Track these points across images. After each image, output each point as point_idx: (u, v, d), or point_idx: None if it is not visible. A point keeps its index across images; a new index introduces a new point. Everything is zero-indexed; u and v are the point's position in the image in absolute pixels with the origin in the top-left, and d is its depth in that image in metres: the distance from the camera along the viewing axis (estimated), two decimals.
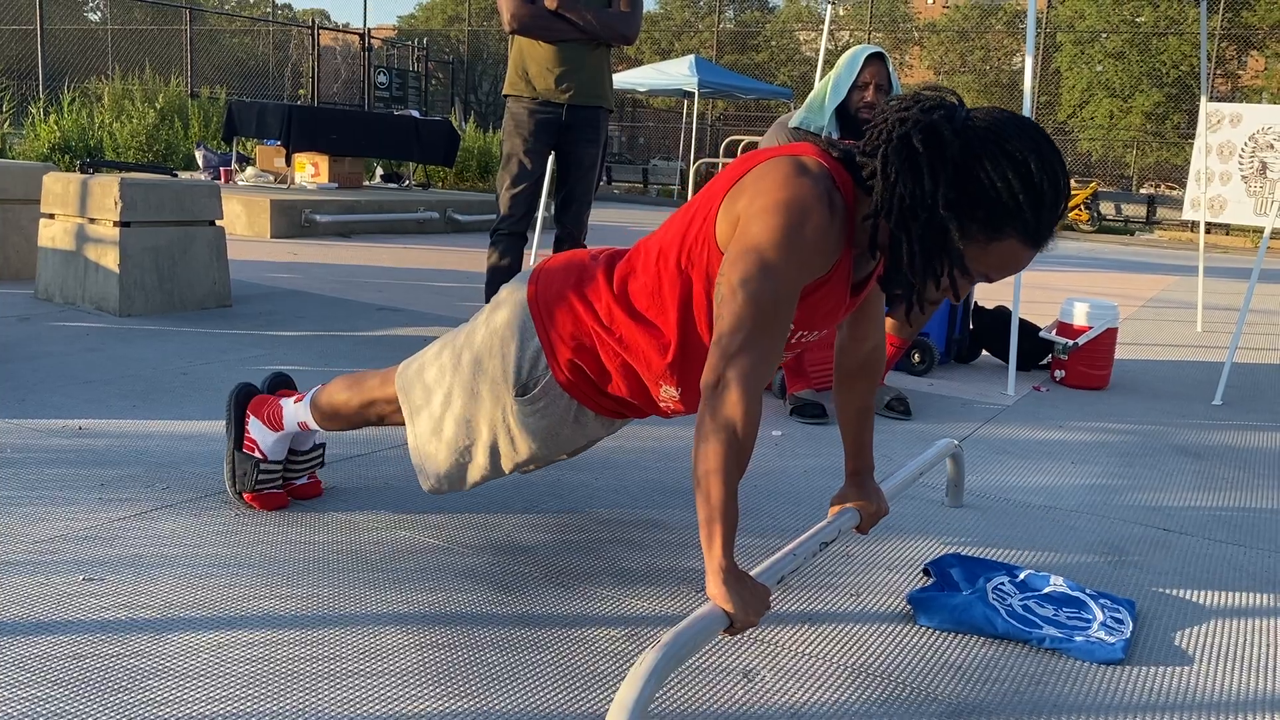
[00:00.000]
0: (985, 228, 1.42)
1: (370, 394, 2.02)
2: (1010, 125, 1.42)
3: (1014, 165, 1.39)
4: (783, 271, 1.45)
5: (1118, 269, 10.03)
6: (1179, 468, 2.99)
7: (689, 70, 16.43)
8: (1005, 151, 1.40)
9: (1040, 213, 1.40)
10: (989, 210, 1.41)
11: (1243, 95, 25.21)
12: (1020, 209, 1.39)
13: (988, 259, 1.45)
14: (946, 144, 1.42)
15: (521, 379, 1.80)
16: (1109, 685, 1.68)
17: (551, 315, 1.78)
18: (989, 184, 1.39)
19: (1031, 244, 1.43)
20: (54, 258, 4.36)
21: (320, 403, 2.08)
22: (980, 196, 1.41)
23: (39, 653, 1.54)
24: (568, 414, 1.83)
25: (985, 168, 1.40)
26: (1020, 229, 1.41)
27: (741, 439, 1.43)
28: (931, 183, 1.42)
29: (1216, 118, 6.16)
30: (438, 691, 1.52)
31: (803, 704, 1.56)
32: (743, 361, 1.43)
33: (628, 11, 3.62)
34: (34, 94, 13.07)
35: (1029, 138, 1.41)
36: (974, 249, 1.45)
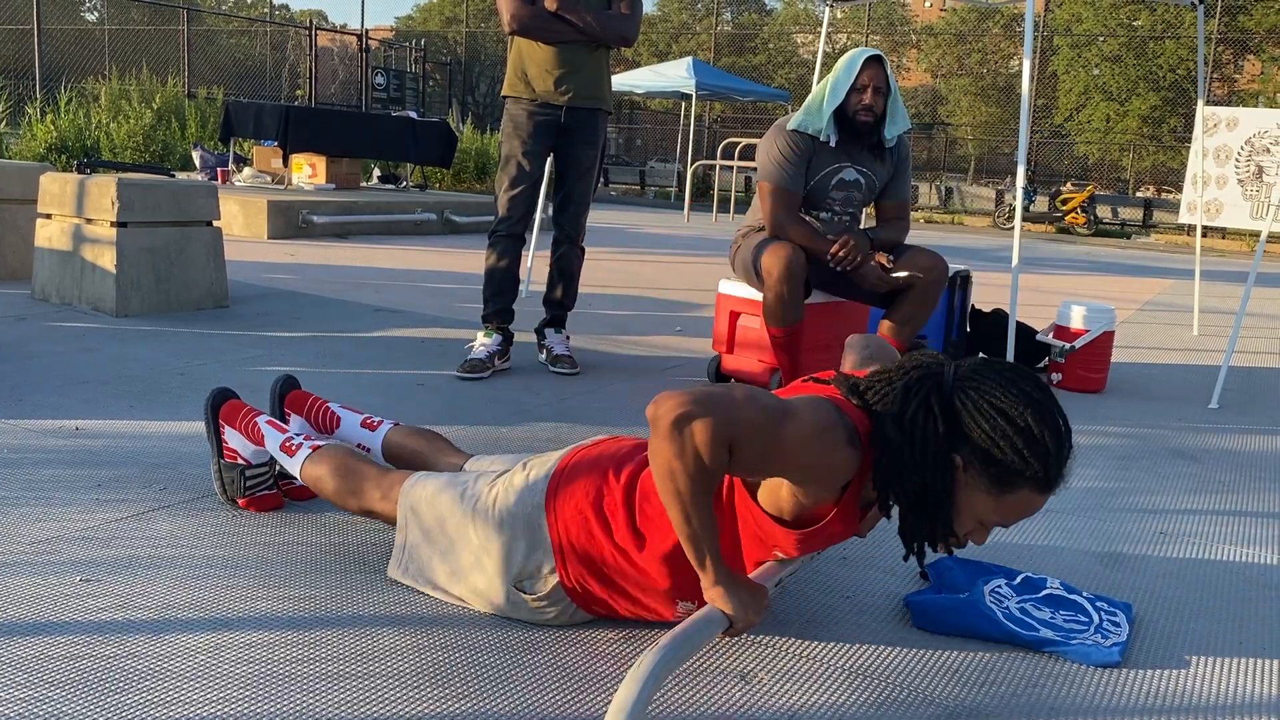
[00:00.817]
0: (996, 485, 1.43)
1: (369, 505, 1.93)
2: (996, 375, 1.42)
3: (1009, 420, 1.39)
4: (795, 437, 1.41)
5: (1114, 272, 10.05)
6: (1175, 471, 2.99)
7: (686, 72, 16.44)
8: (996, 407, 1.40)
9: (1048, 464, 1.40)
10: (998, 470, 1.41)
11: (1239, 99, 25.26)
12: (1028, 465, 1.40)
13: (1004, 510, 1.45)
14: (938, 419, 1.42)
15: (525, 579, 1.73)
16: (1106, 688, 1.68)
17: (566, 526, 1.70)
18: (990, 441, 1.40)
19: (1045, 491, 1.43)
20: (51, 258, 4.35)
21: (312, 483, 2.00)
22: (986, 460, 1.41)
23: (36, 653, 1.54)
24: (565, 611, 1.76)
25: (982, 425, 1.40)
26: (1032, 483, 1.42)
27: (705, 471, 1.40)
28: (923, 456, 1.43)
29: (1213, 121, 6.17)
30: (435, 693, 1.51)
31: (800, 706, 1.56)
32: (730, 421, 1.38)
33: (627, 13, 3.62)
34: (31, 94, 13.05)
35: (1019, 389, 1.41)
36: (985, 501, 1.45)
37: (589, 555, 1.69)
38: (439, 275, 6.22)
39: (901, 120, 3.34)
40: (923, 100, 38.01)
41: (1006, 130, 30.85)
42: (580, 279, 3.90)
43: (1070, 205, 17.99)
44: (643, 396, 3.44)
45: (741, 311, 3.60)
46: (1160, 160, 25.50)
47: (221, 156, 10.29)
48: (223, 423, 2.15)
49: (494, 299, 3.73)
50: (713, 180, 15.94)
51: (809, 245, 3.27)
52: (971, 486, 1.44)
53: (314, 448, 2.03)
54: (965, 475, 1.43)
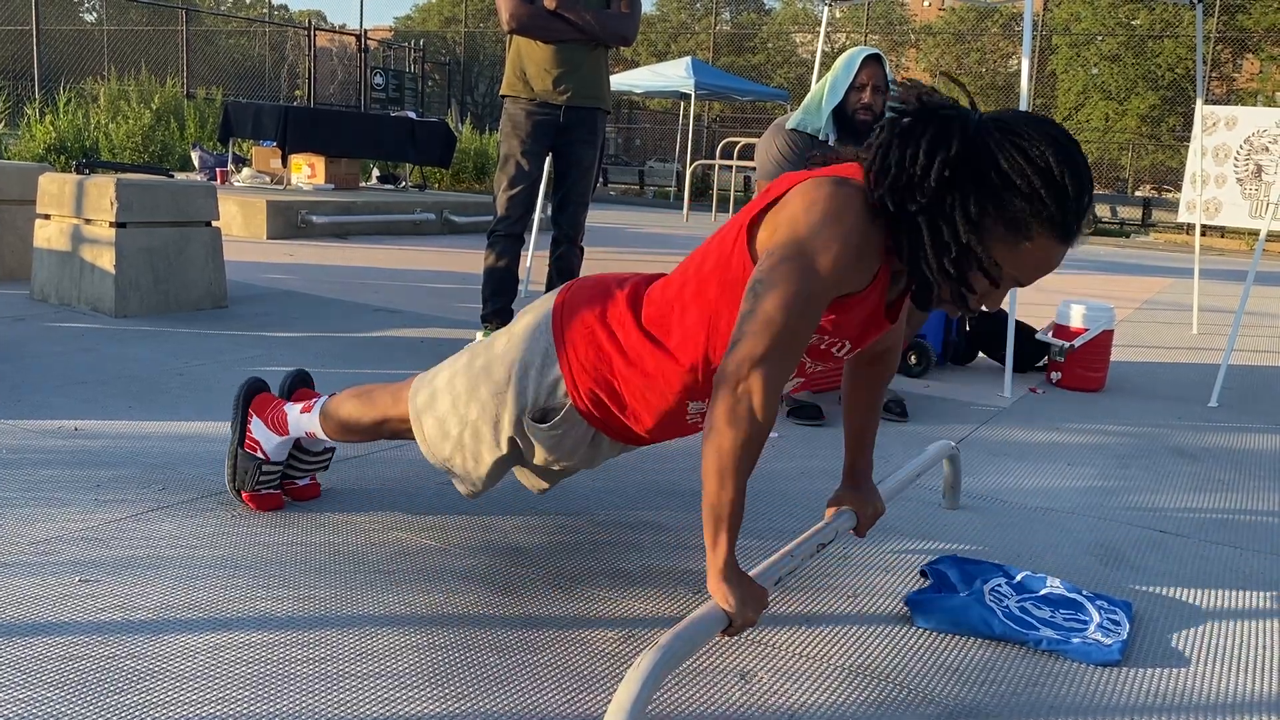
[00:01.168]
0: (1010, 227, 1.38)
1: (383, 411, 1.98)
2: (1022, 120, 1.39)
3: (1028, 158, 1.35)
4: (819, 274, 1.41)
5: (1114, 271, 10.05)
6: (1175, 469, 2.99)
7: (686, 72, 16.45)
8: (1018, 146, 1.36)
9: (1065, 205, 1.36)
10: (1014, 211, 1.37)
11: (1238, 98, 25.27)
12: (1044, 205, 1.35)
13: (1018, 261, 1.41)
14: (953, 138, 1.39)
15: (540, 404, 1.76)
16: (1106, 687, 1.68)
17: (575, 344, 1.74)
18: (1007, 182, 1.36)
19: (1061, 239, 1.38)
20: (49, 258, 4.35)
21: (331, 416, 2.05)
22: (1000, 195, 1.37)
23: (34, 654, 1.54)
24: (585, 438, 1.79)
25: (1000, 163, 1.36)
26: (1048, 226, 1.37)
27: (758, 438, 1.42)
28: (927, 159, 1.38)
29: (1212, 120, 6.17)
30: (434, 693, 1.51)
31: (800, 705, 1.55)
32: (767, 364, 1.41)
33: (626, 13, 3.62)
34: (30, 94, 13.04)
35: (1043, 131, 1.37)
36: (1002, 250, 1.40)
37: (599, 371, 1.72)
38: (438, 275, 6.22)
39: None
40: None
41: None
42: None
43: None
44: None
45: None
46: (1159, 159, 25.51)
47: (220, 157, 10.29)
48: (251, 412, 2.15)
49: (493, 298, 3.73)
50: (712, 180, 15.95)
51: None
52: (988, 237, 1.40)
53: (330, 395, 2.10)
54: (981, 226, 1.39)
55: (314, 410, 2.08)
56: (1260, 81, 24.15)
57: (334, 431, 2.06)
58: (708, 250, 1.64)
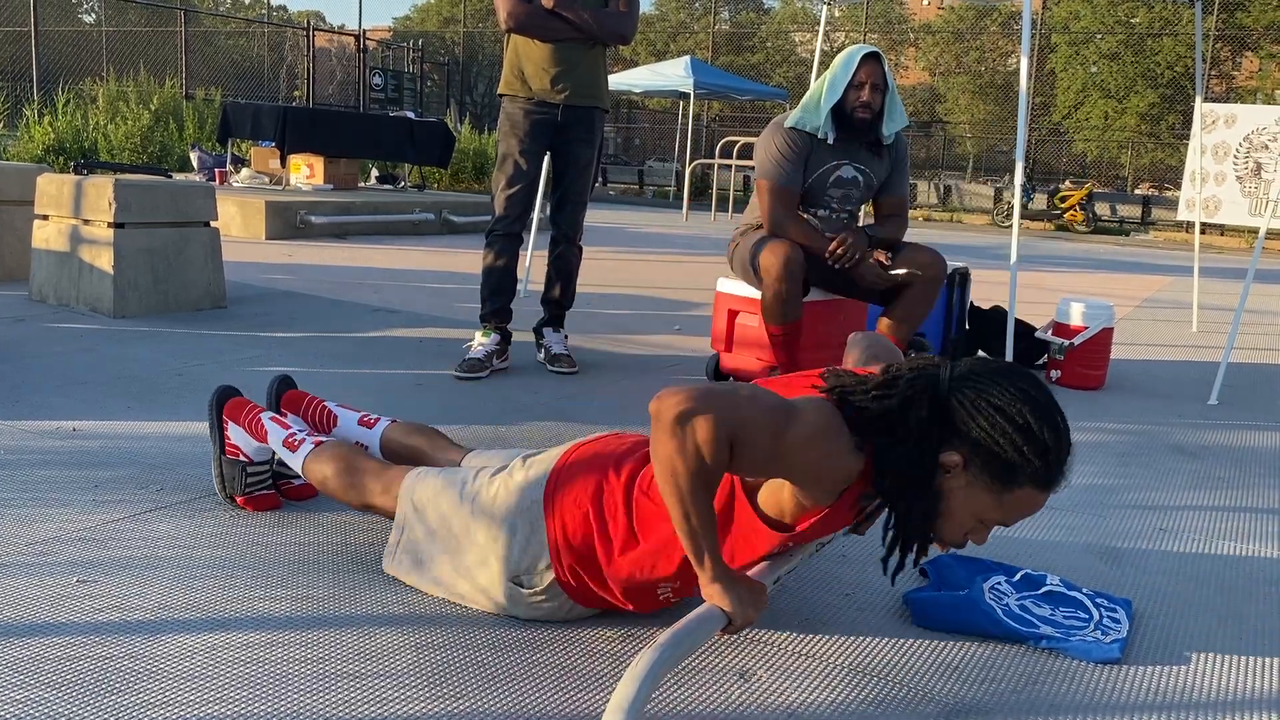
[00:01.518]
0: (997, 482, 1.42)
1: (369, 499, 1.94)
2: (993, 374, 1.42)
3: (1007, 418, 1.39)
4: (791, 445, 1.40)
5: (1113, 269, 10.05)
6: (1175, 467, 2.99)
7: (684, 71, 16.44)
8: (994, 405, 1.40)
9: (1049, 461, 1.40)
10: (998, 469, 1.41)
11: (1237, 96, 25.27)
12: (1029, 462, 1.40)
13: (1005, 508, 1.45)
14: (925, 403, 1.42)
15: (521, 573, 1.73)
16: (1106, 685, 1.68)
17: (564, 522, 1.69)
18: (988, 438, 1.40)
19: (1045, 488, 1.43)
20: (48, 259, 4.34)
21: (313, 477, 2.00)
22: (987, 458, 1.41)
23: (32, 654, 1.54)
24: (563, 607, 1.76)
25: (979, 423, 1.40)
26: (1033, 480, 1.42)
27: (705, 467, 1.39)
28: (927, 450, 1.42)
29: (1211, 118, 6.17)
30: (433, 693, 1.51)
31: (800, 704, 1.55)
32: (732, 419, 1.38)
33: (624, 11, 3.61)
34: (28, 95, 13.03)
35: (1017, 387, 1.41)
36: (988, 500, 1.44)
37: (585, 552, 1.68)
38: (437, 275, 6.22)
39: (899, 117, 3.33)
40: (921, 98, 38.01)
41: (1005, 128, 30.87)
42: (578, 278, 3.90)
43: (1069, 203, 17.99)
44: (642, 395, 3.44)
45: (740, 310, 3.60)
46: (1158, 158, 25.52)
47: (219, 157, 10.28)
48: (226, 419, 2.15)
49: (492, 298, 3.73)
50: (711, 179, 15.94)
51: (807, 243, 3.26)
52: (972, 485, 1.44)
53: (316, 443, 2.03)
54: (966, 474, 1.43)
55: (297, 455, 2.03)
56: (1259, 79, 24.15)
57: (318, 487, 2.02)
58: None
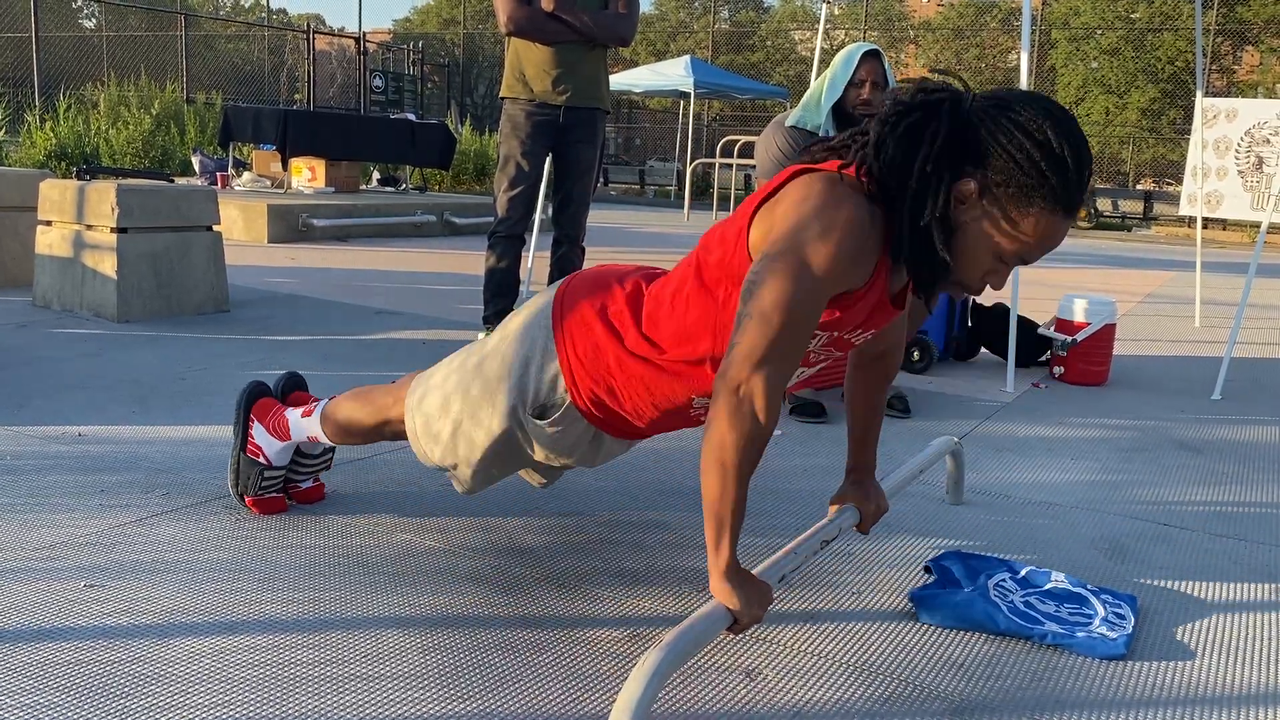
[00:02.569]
0: (1014, 205, 1.38)
1: (383, 412, 1.98)
2: (1018, 96, 1.39)
3: (1026, 133, 1.36)
4: (816, 274, 1.40)
5: (1115, 265, 10.04)
6: (1179, 463, 2.99)
7: (685, 71, 16.44)
8: (1015, 121, 1.36)
9: (1066, 177, 1.36)
10: (1015, 188, 1.37)
11: (1238, 90, 25.25)
12: (1045, 179, 1.36)
13: (1023, 238, 1.41)
14: (945, 116, 1.39)
15: (540, 401, 1.74)
16: (1111, 681, 1.68)
17: (574, 340, 1.71)
18: (1005, 155, 1.36)
19: (1064, 213, 1.38)
20: (51, 264, 4.35)
21: (331, 419, 2.04)
22: (1003, 176, 1.37)
23: (41, 659, 1.54)
24: (585, 435, 1.77)
25: (998, 139, 1.37)
26: (1050, 200, 1.37)
27: (761, 438, 1.41)
28: (913, 144, 1.39)
29: (1212, 113, 6.16)
30: (441, 694, 1.51)
31: (805, 702, 1.55)
32: (768, 365, 1.40)
33: (624, 13, 3.62)
34: (30, 101, 13.06)
35: (1040, 106, 1.38)
36: (1005, 230, 1.41)
37: (599, 368, 1.70)
38: (439, 277, 6.22)
39: None
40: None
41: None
42: None
43: None
44: None
45: None
46: (1160, 153, 25.49)
47: (221, 161, 10.30)
48: (253, 418, 2.15)
49: (494, 300, 3.73)
50: (712, 178, 15.94)
51: None
52: (989, 214, 1.40)
53: (330, 397, 2.09)
54: (981, 202, 1.40)
55: (314, 414, 2.08)
56: (1260, 74, 24.13)
57: (334, 434, 2.06)
58: (709, 247, 1.62)
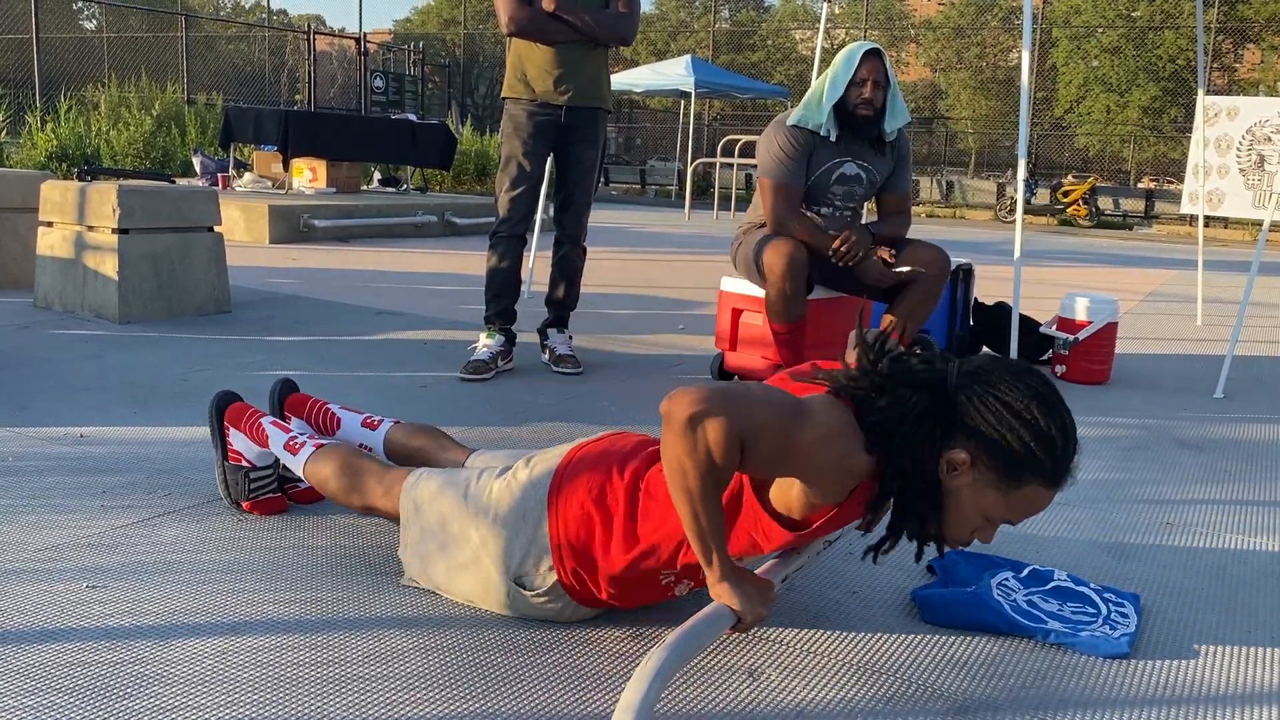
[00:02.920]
0: (1004, 480, 1.43)
1: (371, 501, 1.93)
2: (1000, 370, 1.43)
3: (1015, 414, 1.40)
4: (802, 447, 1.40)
5: (1117, 264, 10.03)
6: (1181, 461, 2.99)
7: (685, 70, 16.44)
8: (1003, 401, 1.41)
9: (1056, 457, 1.41)
10: (1006, 466, 1.42)
11: (1240, 88, 25.23)
12: (1037, 460, 1.41)
13: (1012, 506, 1.46)
14: (929, 399, 1.43)
15: (524, 572, 1.72)
16: (1115, 679, 1.68)
17: (567, 522, 1.69)
18: (996, 435, 1.41)
19: (1053, 485, 1.44)
20: (52, 265, 4.35)
21: (314, 479, 2.01)
22: (994, 455, 1.42)
23: (42, 660, 1.54)
24: (567, 608, 1.76)
25: (987, 419, 1.41)
26: (1040, 477, 1.43)
27: (715, 468, 1.39)
28: (911, 426, 1.42)
29: (1214, 111, 6.15)
30: (443, 695, 1.51)
31: (808, 702, 1.55)
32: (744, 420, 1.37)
33: (625, 12, 3.61)
34: (31, 102, 13.06)
35: (1024, 383, 1.42)
36: (996, 498, 1.45)
37: (587, 552, 1.68)
38: (440, 277, 6.22)
39: (901, 114, 3.33)
40: (922, 95, 37.96)
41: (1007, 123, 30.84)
42: (582, 279, 3.90)
43: (1072, 197, 17.95)
44: (647, 395, 3.44)
45: (744, 308, 3.60)
46: (1161, 151, 25.47)
47: (222, 162, 10.31)
48: (227, 425, 2.16)
49: (496, 300, 3.73)
50: (713, 178, 15.94)
51: (810, 241, 3.26)
52: (979, 483, 1.44)
53: (317, 445, 2.03)
54: (973, 471, 1.44)
55: (299, 459, 2.03)
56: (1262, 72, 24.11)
57: (318, 489, 2.02)
58: None
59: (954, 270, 4.18)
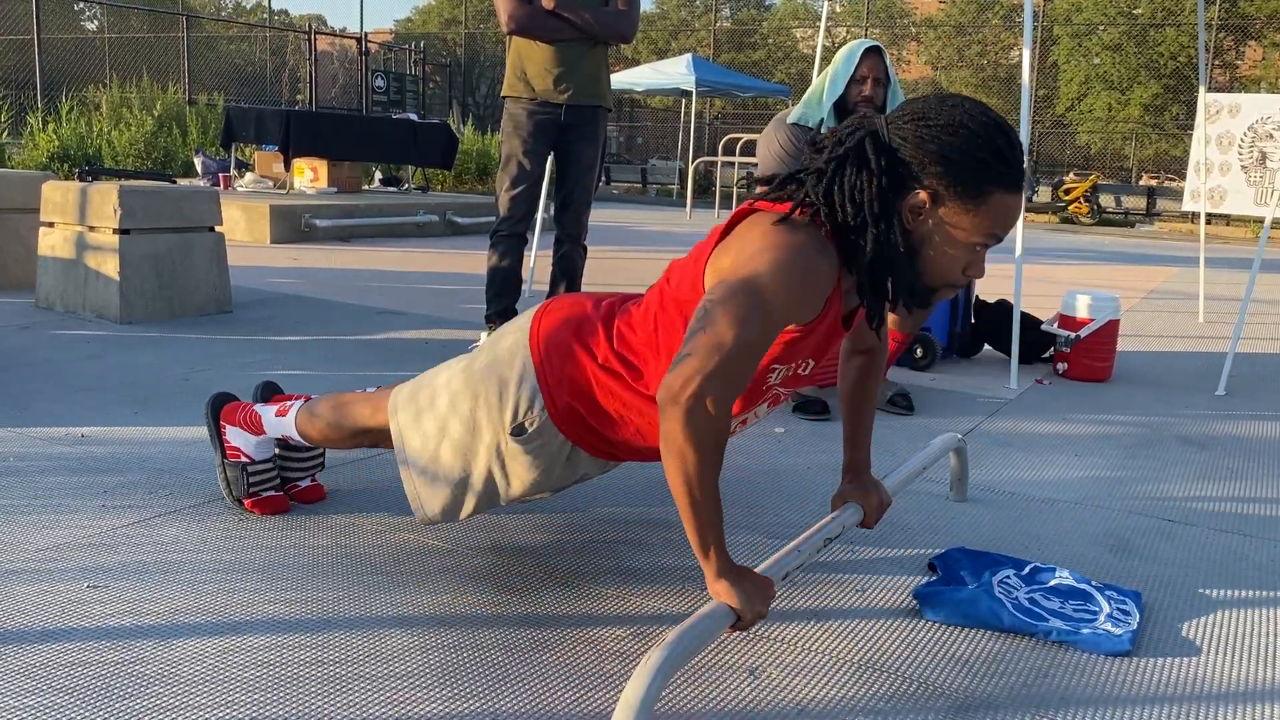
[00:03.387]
0: (969, 198, 1.46)
1: (360, 422, 1.98)
2: (922, 103, 1.48)
3: (952, 132, 1.44)
4: (772, 305, 1.44)
5: (1119, 261, 10.02)
6: (1183, 458, 2.98)
7: (686, 69, 16.44)
8: (936, 126, 1.45)
9: (1005, 157, 1.45)
10: (964, 183, 1.45)
11: (1241, 85, 25.20)
12: (988, 165, 1.44)
13: (985, 222, 1.48)
14: (871, 153, 1.46)
15: (518, 419, 1.77)
16: (1117, 677, 1.67)
17: (551, 358, 1.76)
18: (942, 160, 1.44)
19: (1014, 188, 1.47)
20: (54, 266, 4.36)
21: (307, 422, 2.04)
22: (950, 177, 1.45)
23: (43, 660, 1.54)
24: (561, 453, 1.80)
25: (929, 149, 1.44)
26: (998, 182, 1.46)
27: (715, 450, 1.44)
28: (866, 188, 1.46)
29: (1215, 108, 6.15)
30: (444, 694, 1.51)
31: (809, 700, 1.55)
32: (718, 382, 1.43)
33: (624, 10, 3.62)
34: (32, 103, 13.07)
35: (948, 104, 1.47)
36: (969, 221, 1.47)
37: (575, 385, 1.74)
38: (442, 276, 6.22)
39: None
40: (923, 93, 37.87)
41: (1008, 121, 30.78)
42: (583, 278, 3.90)
43: (1073, 195, 17.94)
44: None
45: None
46: (1162, 149, 25.44)
47: (223, 162, 10.31)
48: (223, 423, 2.16)
49: (497, 299, 3.73)
50: (714, 177, 15.93)
51: None
52: (947, 215, 1.47)
53: (305, 398, 2.09)
54: (937, 207, 1.47)
55: (289, 415, 2.07)
56: (1263, 68, 24.07)
57: (311, 437, 2.06)
58: (671, 279, 1.67)
59: None
